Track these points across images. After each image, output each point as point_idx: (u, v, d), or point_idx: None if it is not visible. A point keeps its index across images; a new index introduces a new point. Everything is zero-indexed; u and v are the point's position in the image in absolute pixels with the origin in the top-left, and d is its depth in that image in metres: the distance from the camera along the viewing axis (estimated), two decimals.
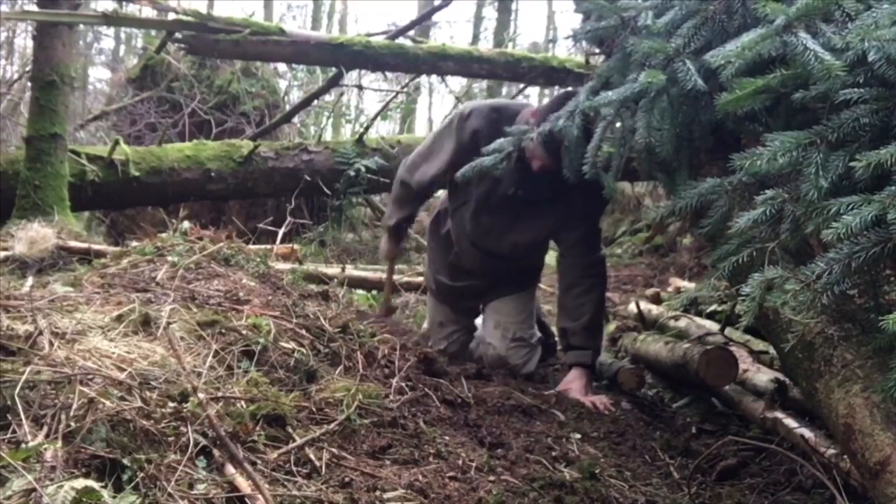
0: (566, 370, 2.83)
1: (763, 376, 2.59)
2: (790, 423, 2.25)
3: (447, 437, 2.04)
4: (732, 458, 2.25)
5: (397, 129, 10.78)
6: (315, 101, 7.93)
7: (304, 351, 2.17)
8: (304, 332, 2.28)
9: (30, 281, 2.64)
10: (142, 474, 1.42)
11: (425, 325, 3.43)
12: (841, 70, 1.60)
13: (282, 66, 8.97)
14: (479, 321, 3.24)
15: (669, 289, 4.70)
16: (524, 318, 3.03)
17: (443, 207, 3.14)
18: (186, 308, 2.16)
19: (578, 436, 2.29)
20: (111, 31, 14.00)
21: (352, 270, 4.33)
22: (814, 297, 1.46)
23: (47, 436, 1.43)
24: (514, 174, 2.68)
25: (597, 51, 2.95)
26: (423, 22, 11.09)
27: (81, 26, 8.89)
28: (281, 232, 4.80)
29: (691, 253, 6.39)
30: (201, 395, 1.68)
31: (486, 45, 11.89)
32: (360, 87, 8.42)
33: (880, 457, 1.34)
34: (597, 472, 1.98)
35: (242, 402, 1.79)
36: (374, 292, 4.21)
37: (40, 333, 1.79)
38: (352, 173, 6.29)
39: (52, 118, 4.53)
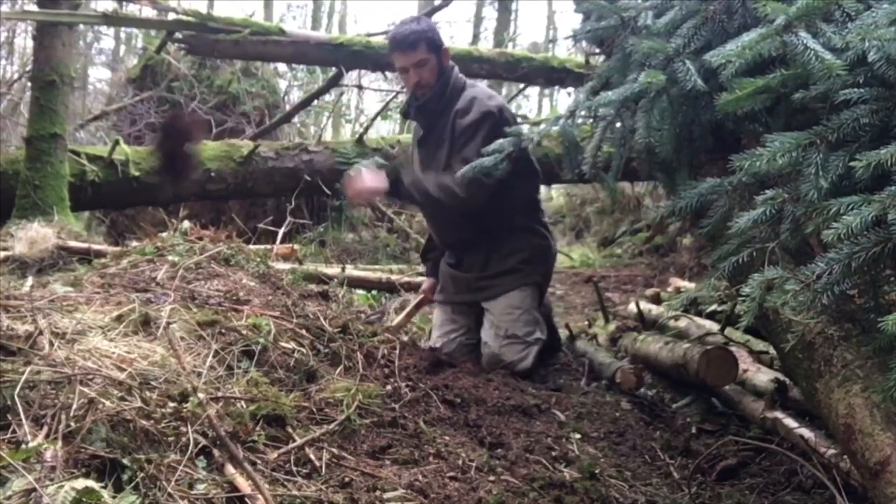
0: None
1: (763, 376, 2.59)
2: (790, 423, 2.25)
3: (447, 437, 2.04)
4: (732, 458, 2.25)
5: (397, 129, 10.77)
6: (315, 101, 7.93)
7: (304, 351, 2.18)
8: (304, 332, 2.28)
9: (30, 281, 2.64)
10: (142, 474, 1.42)
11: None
12: (841, 69, 1.60)
13: (282, 66, 8.96)
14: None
15: (669, 289, 4.70)
16: (518, 316, 3.02)
17: None
18: (186, 308, 2.16)
19: (578, 436, 2.29)
20: (111, 31, 13.99)
21: (352, 270, 4.32)
22: (814, 297, 1.46)
23: (47, 436, 1.44)
24: (415, 113, 3.14)
25: (597, 51, 2.95)
26: None
27: (81, 26, 8.90)
28: (281, 232, 4.80)
29: (691, 253, 6.40)
30: (201, 395, 1.68)
31: (486, 45, 11.88)
32: (360, 87, 8.42)
33: (880, 457, 1.34)
34: (597, 472, 1.99)
35: (242, 402, 1.79)
36: (374, 292, 4.21)
37: (40, 333, 1.79)
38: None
39: (52, 118, 4.54)
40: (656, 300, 4.27)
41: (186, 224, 3.00)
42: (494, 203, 2.96)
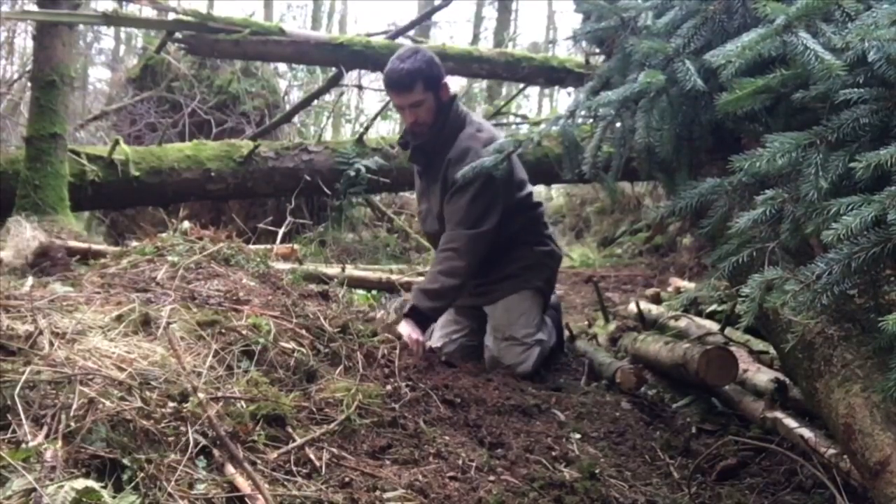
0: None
1: (763, 376, 2.59)
2: (790, 423, 2.25)
3: (447, 437, 2.04)
4: (732, 458, 2.25)
5: (397, 129, 10.77)
6: (315, 101, 7.93)
7: (304, 351, 2.17)
8: (304, 332, 2.27)
9: (30, 281, 2.64)
10: (142, 474, 1.42)
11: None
12: (841, 70, 1.60)
13: (282, 66, 8.97)
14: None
15: (669, 289, 4.70)
16: (516, 318, 3.03)
17: None
18: (186, 308, 2.16)
19: (578, 436, 2.29)
20: (111, 31, 13.99)
21: (352, 270, 4.32)
22: (814, 298, 1.46)
23: (47, 436, 1.43)
24: (412, 153, 3.10)
25: (597, 51, 2.95)
26: (423, 22, 11.11)
27: (81, 26, 8.90)
28: (281, 232, 4.80)
29: (691, 253, 6.40)
30: (201, 395, 1.68)
31: (486, 45, 11.88)
32: (360, 87, 8.43)
33: (880, 457, 1.34)
34: (597, 472, 1.99)
35: (242, 402, 1.79)
36: (374, 292, 4.21)
37: (40, 333, 1.79)
38: (352, 173, 6.29)
39: (52, 118, 4.54)
40: (656, 300, 4.26)
41: (186, 224, 3.00)
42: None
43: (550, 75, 6.74)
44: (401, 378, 2.31)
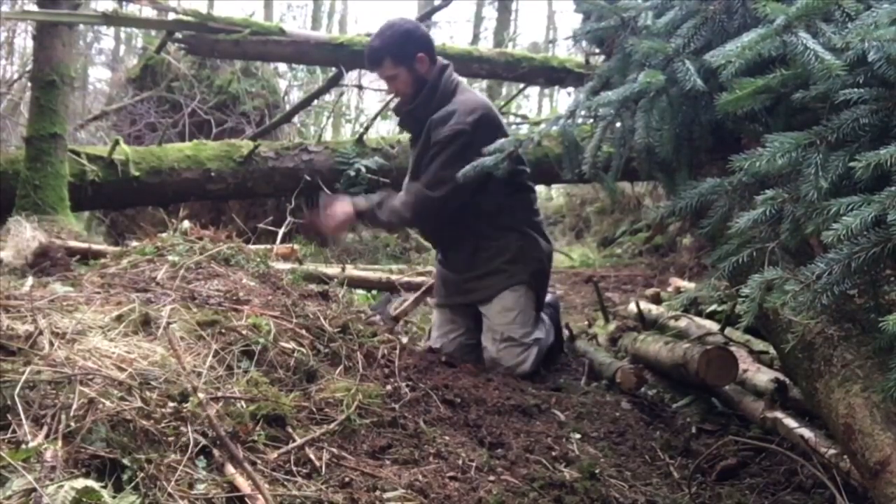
0: None
1: (763, 376, 2.59)
2: (790, 423, 2.25)
3: (447, 437, 2.04)
4: (732, 458, 2.25)
5: (397, 129, 10.76)
6: (315, 101, 7.93)
7: (304, 351, 2.17)
8: (304, 332, 2.27)
9: (30, 281, 2.64)
10: (142, 474, 1.41)
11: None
12: (841, 70, 1.60)
13: (282, 66, 8.98)
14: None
15: (669, 289, 4.70)
16: (513, 318, 3.01)
17: None
18: (186, 308, 2.16)
19: (578, 436, 2.29)
20: (111, 31, 14.01)
21: (352, 270, 4.32)
22: (814, 298, 1.46)
23: (47, 436, 1.43)
24: (401, 119, 3.24)
25: (597, 51, 2.95)
26: (422, 22, 11.08)
27: (81, 26, 8.90)
28: (281, 232, 4.79)
29: (691, 253, 6.40)
30: (201, 395, 1.68)
31: (486, 45, 11.89)
32: (360, 87, 8.43)
33: (880, 457, 1.34)
34: (597, 472, 1.99)
35: (242, 402, 1.79)
36: (374, 292, 4.21)
37: (40, 333, 1.79)
38: (352, 173, 6.29)
39: (52, 118, 4.54)
40: (656, 300, 4.26)
41: (186, 224, 3.00)
42: (475, 203, 2.98)
43: (550, 75, 6.74)
44: (401, 378, 2.31)
